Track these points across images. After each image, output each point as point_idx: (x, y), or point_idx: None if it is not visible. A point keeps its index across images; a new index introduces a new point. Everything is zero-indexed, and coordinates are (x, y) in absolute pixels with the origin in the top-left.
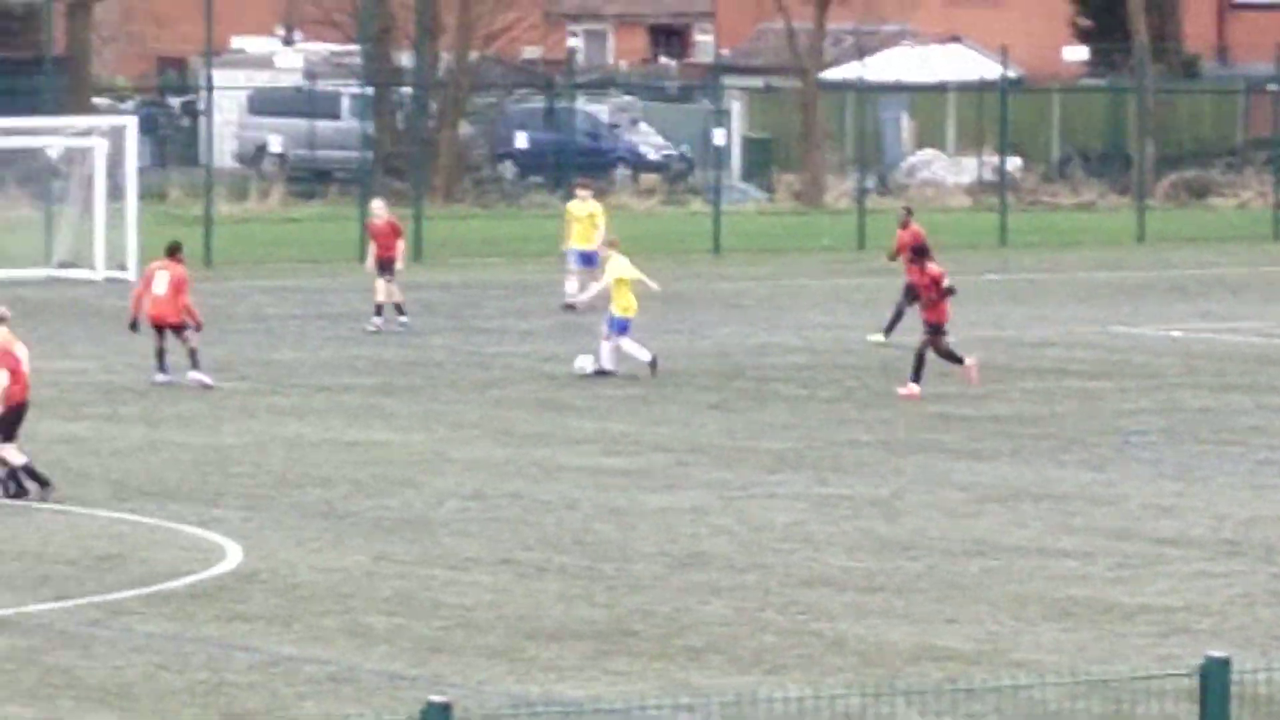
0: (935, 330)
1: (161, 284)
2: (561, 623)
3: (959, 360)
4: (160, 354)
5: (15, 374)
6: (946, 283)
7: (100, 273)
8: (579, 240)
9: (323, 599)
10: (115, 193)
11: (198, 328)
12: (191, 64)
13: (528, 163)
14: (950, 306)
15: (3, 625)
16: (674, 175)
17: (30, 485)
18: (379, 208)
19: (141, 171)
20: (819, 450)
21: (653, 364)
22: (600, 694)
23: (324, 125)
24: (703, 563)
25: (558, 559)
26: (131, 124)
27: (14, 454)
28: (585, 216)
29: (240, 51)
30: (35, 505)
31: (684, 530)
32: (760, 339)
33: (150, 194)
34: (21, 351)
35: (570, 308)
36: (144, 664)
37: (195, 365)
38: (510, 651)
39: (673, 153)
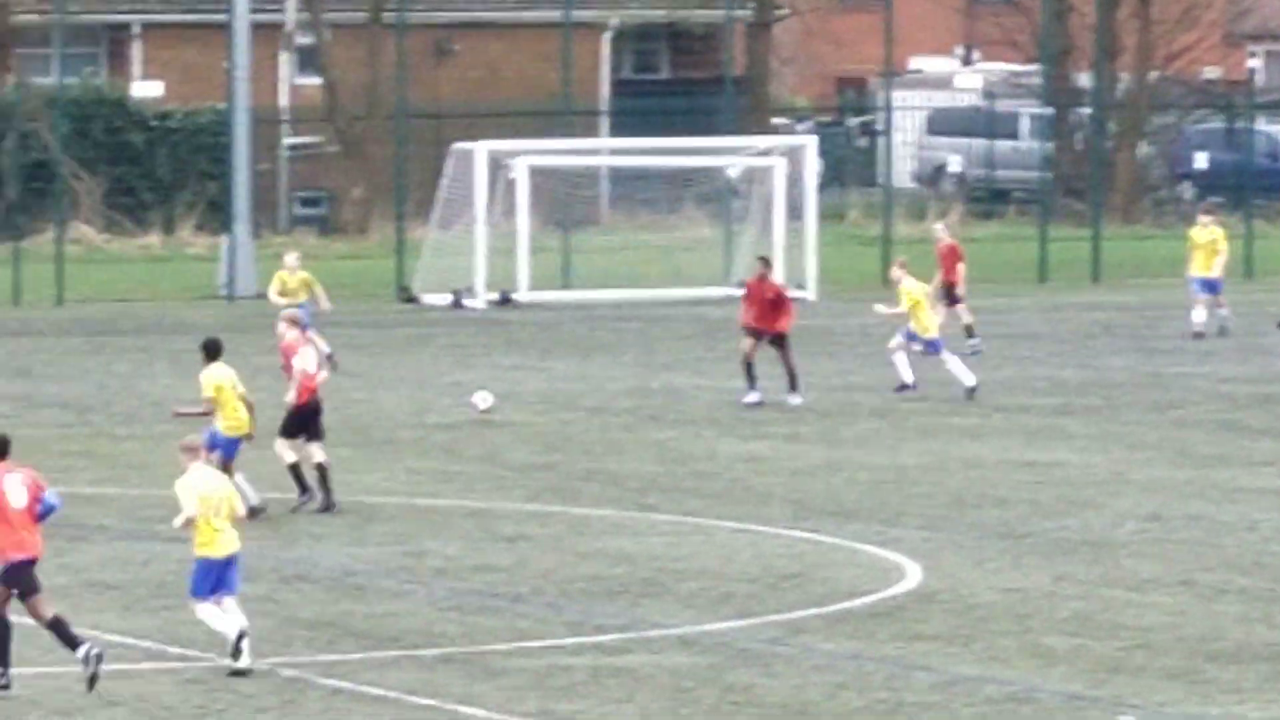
0: None
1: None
2: (1241, 644)
3: None
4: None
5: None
6: None
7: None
8: (1199, 267)
9: (1001, 619)
10: (794, 212)
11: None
12: (870, 85)
13: (1207, 184)
14: None
15: (684, 643)
16: None
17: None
18: (939, 230)
19: (820, 191)
20: None
21: (970, 391)
22: None
23: (1003, 145)
24: None
25: (1238, 581)
26: (811, 144)
27: (287, 451)
28: (1206, 243)
29: (919, 72)
30: (713, 523)
31: None
32: None
33: (829, 214)
34: (308, 354)
35: (1199, 336)
36: (824, 683)
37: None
38: (1190, 673)
39: None
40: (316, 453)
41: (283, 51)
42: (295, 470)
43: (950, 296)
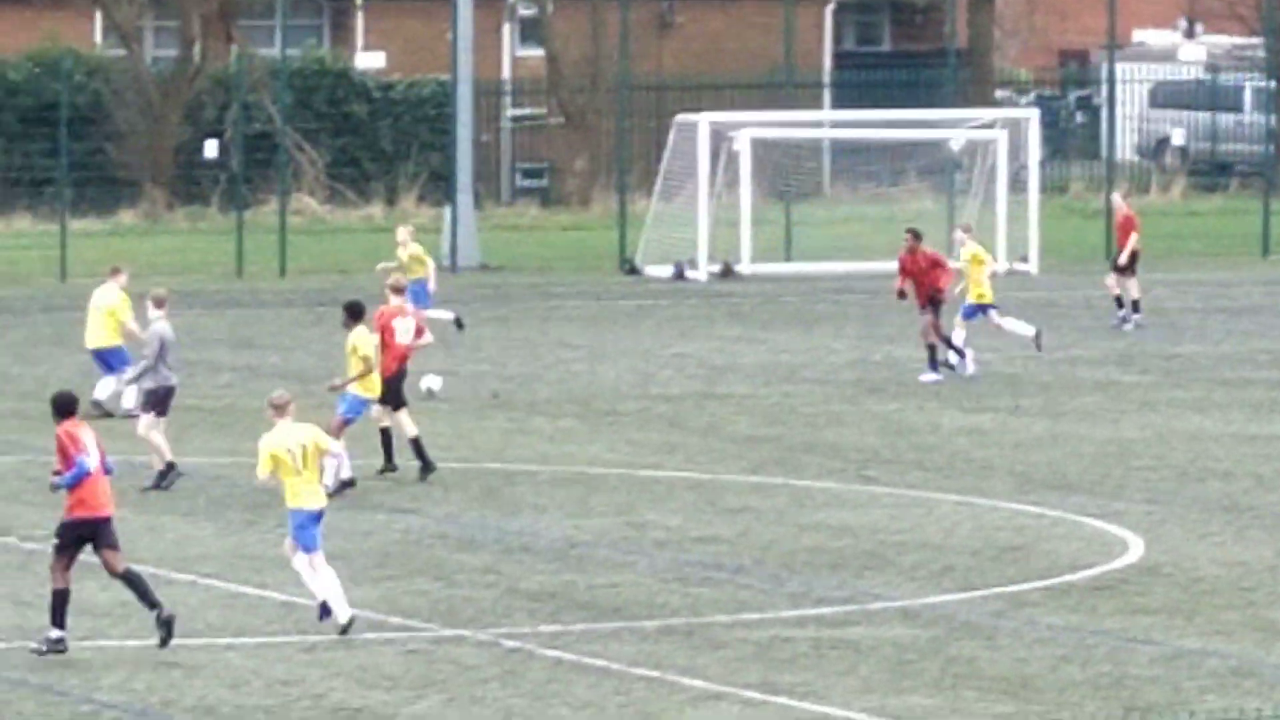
0: None
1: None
2: None
3: None
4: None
5: (389, 346)
6: None
7: (1001, 265)
8: None
9: (1224, 593)
10: (1016, 185)
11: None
12: (1093, 57)
13: None
14: None
15: (906, 615)
16: None
17: (423, 460)
18: (1117, 200)
19: (1042, 164)
20: None
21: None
22: None
23: (1225, 118)
24: None
25: None
26: (1033, 117)
27: (409, 424)
28: None
29: (1142, 44)
30: (935, 496)
31: None
32: None
33: (1051, 187)
34: (402, 325)
35: None
36: (1046, 656)
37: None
38: None
39: None
40: (386, 417)
41: (506, 23)
42: (386, 437)
43: (1121, 266)
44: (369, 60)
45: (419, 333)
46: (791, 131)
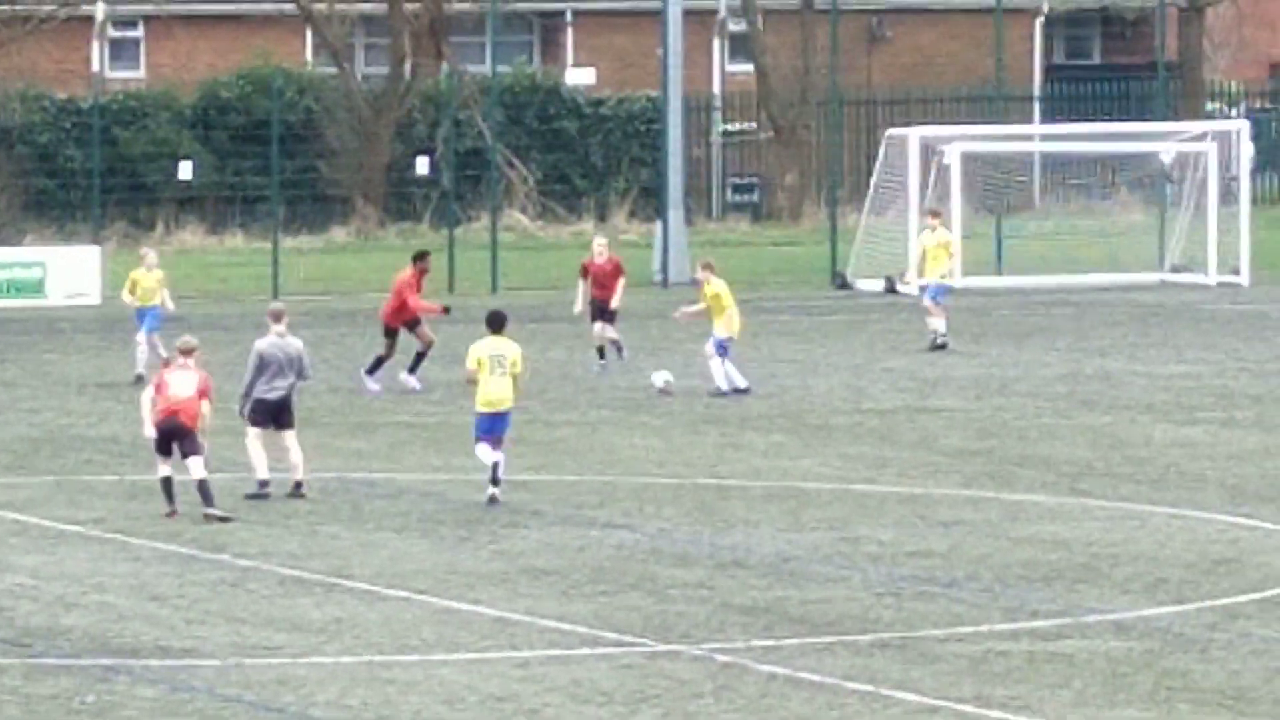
0: None
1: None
2: None
3: None
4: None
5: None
6: None
7: (1212, 277)
8: None
9: None
10: (1226, 197)
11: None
12: None
13: None
14: None
15: (1120, 629)
16: None
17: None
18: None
19: (1253, 176)
20: None
21: (735, 391)
22: None
23: None
24: None
25: None
26: (1243, 129)
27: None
28: None
29: None
30: (1148, 509)
31: None
32: None
33: (1263, 199)
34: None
35: None
36: (1261, 669)
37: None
38: None
39: None
40: None
41: (715, 38)
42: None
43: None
44: (579, 76)
45: None
46: (1002, 145)
